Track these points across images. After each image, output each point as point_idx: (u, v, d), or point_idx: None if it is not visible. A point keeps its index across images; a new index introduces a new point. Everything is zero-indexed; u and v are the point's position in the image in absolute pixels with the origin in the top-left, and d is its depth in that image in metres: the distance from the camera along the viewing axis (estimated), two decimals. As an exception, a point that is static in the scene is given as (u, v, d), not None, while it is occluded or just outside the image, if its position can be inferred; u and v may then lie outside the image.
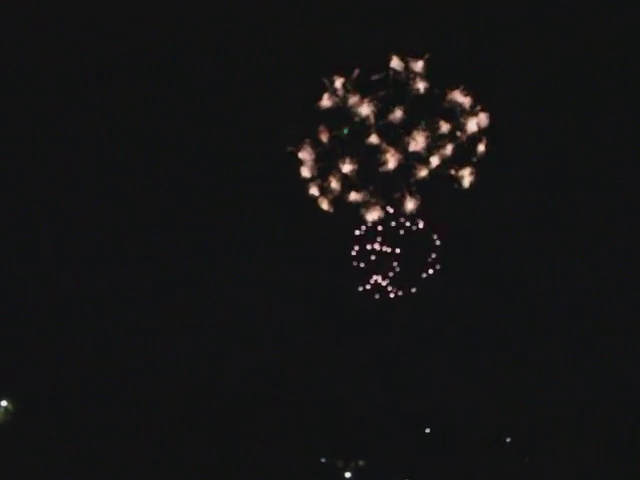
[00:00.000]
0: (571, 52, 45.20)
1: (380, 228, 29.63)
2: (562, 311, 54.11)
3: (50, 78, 52.79)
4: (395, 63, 28.07)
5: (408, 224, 29.81)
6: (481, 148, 28.56)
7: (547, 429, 54.44)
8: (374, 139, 27.47)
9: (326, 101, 27.51)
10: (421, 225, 30.25)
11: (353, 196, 27.98)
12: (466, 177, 28.40)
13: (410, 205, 28.10)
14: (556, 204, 50.46)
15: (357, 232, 30.03)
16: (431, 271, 31.10)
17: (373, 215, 28.37)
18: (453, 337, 51.74)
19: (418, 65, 28.04)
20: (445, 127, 28.14)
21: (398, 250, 30.45)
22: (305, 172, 28.06)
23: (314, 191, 28.27)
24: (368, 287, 30.71)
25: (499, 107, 29.16)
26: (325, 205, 28.40)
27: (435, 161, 28.01)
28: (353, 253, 30.48)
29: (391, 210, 28.73)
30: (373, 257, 30.31)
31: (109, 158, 53.82)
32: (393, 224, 29.44)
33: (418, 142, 27.59)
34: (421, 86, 28.05)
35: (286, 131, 29.11)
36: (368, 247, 30.23)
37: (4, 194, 52.38)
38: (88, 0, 51.54)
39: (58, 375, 48.81)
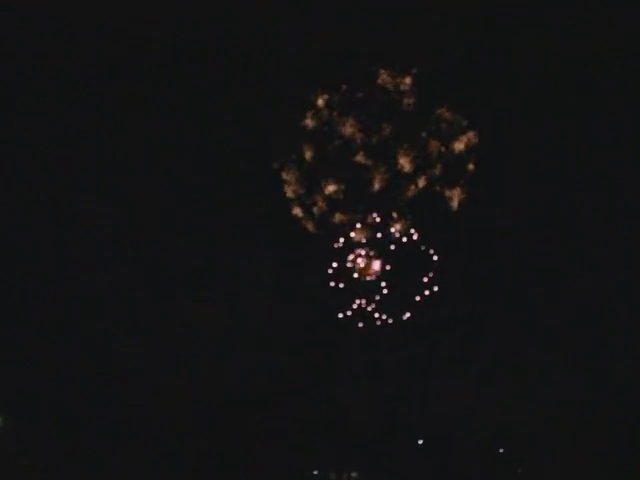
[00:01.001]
0: (563, 68, 44.91)
1: (364, 240, 27.58)
2: (562, 312, 53.97)
3: (50, 78, 52.98)
4: (383, 79, 27.75)
5: (398, 235, 28.05)
6: (470, 167, 28.19)
7: (547, 431, 54.31)
8: (360, 158, 27.05)
9: (310, 120, 27.09)
10: (415, 237, 28.64)
11: (339, 217, 27.44)
12: (455, 197, 27.89)
13: (398, 226, 27.53)
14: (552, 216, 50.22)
15: (336, 245, 27.62)
16: (427, 293, 28.60)
17: (360, 236, 27.65)
18: (449, 343, 51.40)
19: (406, 81, 27.70)
20: (434, 145, 27.74)
21: (388, 267, 28.72)
22: (289, 192, 27.60)
23: (297, 212, 27.76)
24: (349, 313, 28.69)
25: (490, 125, 28.75)
26: (310, 226, 27.89)
27: (422, 181, 27.54)
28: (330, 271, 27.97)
29: (379, 219, 27.47)
30: (355, 276, 28.06)
31: (109, 158, 54.00)
32: (379, 235, 27.55)
33: (406, 161, 27.19)
34: (410, 102, 27.72)
35: (273, 147, 28.79)
36: (349, 264, 28.00)
37: (4, 194, 52.61)
38: (88, 0, 51.76)
39: (51, 386, 48.92)
